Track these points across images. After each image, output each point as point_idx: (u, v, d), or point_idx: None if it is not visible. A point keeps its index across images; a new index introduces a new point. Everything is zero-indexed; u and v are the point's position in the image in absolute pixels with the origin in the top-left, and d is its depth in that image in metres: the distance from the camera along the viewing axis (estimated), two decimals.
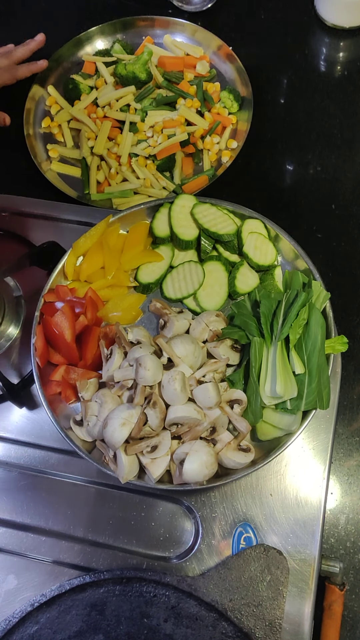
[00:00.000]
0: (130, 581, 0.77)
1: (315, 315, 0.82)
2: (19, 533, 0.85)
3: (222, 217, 0.94)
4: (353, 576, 0.87)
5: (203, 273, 0.93)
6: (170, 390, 0.79)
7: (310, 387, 0.80)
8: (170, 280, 0.94)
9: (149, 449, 0.78)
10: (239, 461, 0.79)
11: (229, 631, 0.74)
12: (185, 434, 0.80)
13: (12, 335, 0.96)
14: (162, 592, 0.76)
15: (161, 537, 0.84)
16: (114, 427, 0.77)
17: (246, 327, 0.85)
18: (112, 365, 0.84)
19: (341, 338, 0.84)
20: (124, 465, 0.77)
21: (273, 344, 0.82)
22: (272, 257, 0.93)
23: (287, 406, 0.80)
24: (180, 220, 0.94)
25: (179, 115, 1.14)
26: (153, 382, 0.79)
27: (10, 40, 1.20)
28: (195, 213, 0.93)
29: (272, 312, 0.84)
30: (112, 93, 1.18)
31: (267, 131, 1.17)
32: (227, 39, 1.20)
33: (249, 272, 0.93)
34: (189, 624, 0.75)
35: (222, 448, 0.80)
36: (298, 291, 0.84)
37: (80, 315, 0.88)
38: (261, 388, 0.80)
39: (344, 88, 1.21)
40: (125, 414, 0.78)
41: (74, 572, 0.82)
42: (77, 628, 0.75)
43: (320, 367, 0.81)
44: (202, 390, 0.80)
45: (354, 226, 1.08)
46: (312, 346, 0.81)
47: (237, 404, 0.82)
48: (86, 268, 0.93)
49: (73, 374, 0.87)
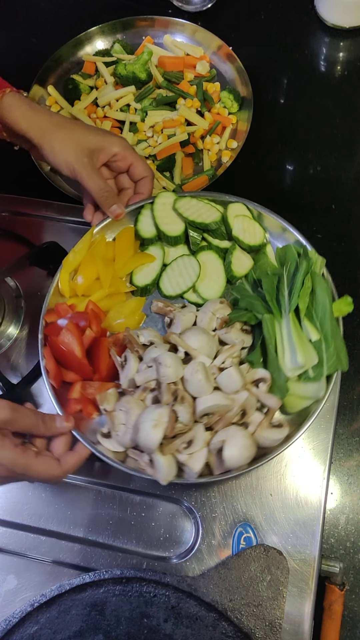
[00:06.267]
0: (130, 581, 0.77)
1: (320, 281, 0.83)
2: (19, 533, 0.85)
3: (204, 207, 0.94)
4: (353, 576, 0.87)
5: (198, 264, 0.93)
6: (195, 382, 0.79)
7: (329, 351, 0.81)
8: (167, 278, 0.94)
9: (185, 445, 0.78)
10: (274, 438, 0.79)
11: (229, 631, 0.74)
12: (217, 423, 0.80)
13: (12, 335, 0.96)
14: (162, 592, 0.76)
15: (161, 537, 0.84)
16: (146, 431, 0.76)
17: (253, 308, 0.86)
18: (129, 371, 0.83)
19: (345, 299, 0.84)
20: (162, 467, 0.76)
21: (284, 317, 0.83)
22: (261, 236, 0.93)
23: (309, 375, 0.80)
24: (164, 218, 0.94)
25: (179, 115, 1.14)
26: (176, 378, 0.79)
27: (10, 40, 1.20)
28: (178, 208, 0.93)
29: (275, 288, 0.85)
30: (112, 93, 1.18)
31: (267, 131, 1.17)
32: (227, 39, 1.20)
33: (242, 255, 0.93)
34: (189, 624, 0.75)
35: (255, 429, 0.80)
36: (297, 262, 0.85)
37: (86, 329, 0.86)
38: (282, 362, 0.81)
39: (344, 88, 1.21)
40: (155, 415, 0.76)
41: (74, 572, 0.82)
42: (77, 628, 0.75)
43: (334, 331, 0.82)
44: (226, 376, 0.80)
45: (354, 226, 1.08)
46: (322, 312, 0.82)
47: (262, 382, 0.82)
48: (82, 282, 0.91)
49: (90, 388, 0.85)
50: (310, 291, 0.83)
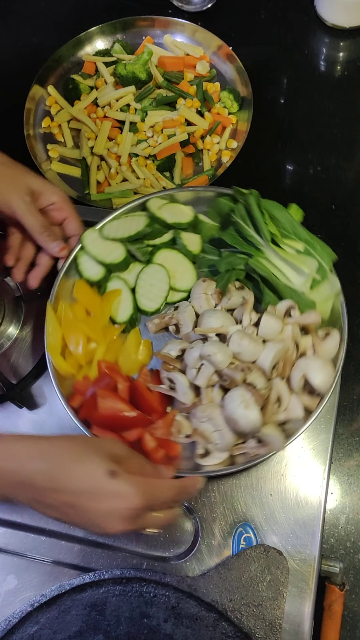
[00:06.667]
0: (130, 581, 0.77)
1: (269, 203, 0.88)
2: (19, 533, 0.85)
3: (129, 221, 0.93)
4: (353, 576, 0.87)
5: (161, 267, 0.92)
6: (246, 348, 0.80)
7: (318, 251, 0.87)
8: (143, 297, 0.92)
9: (277, 405, 0.79)
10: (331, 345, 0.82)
11: (229, 631, 0.74)
12: (285, 368, 0.81)
13: (12, 335, 0.96)
14: (162, 593, 0.76)
15: (161, 537, 0.84)
16: (243, 415, 0.75)
17: (232, 264, 0.88)
18: (182, 386, 0.83)
19: (293, 206, 0.91)
20: (274, 436, 0.77)
21: (267, 249, 0.87)
22: (189, 211, 0.95)
23: (318, 279, 0.86)
24: (101, 252, 0.91)
25: (179, 115, 1.14)
26: (230, 358, 0.80)
27: (10, 40, 1.20)
28: (107, 235, 0.92)
29: (238, 235, 0.89)
30: (112, 93, 1.18)
31: (267, 131, 1.17)
32: (227, 39, 1.20)
33: (187, 234, 0.95)
34: (189, 624, 0.75)
35: (313, 349, 0.83)
36: (243, 201, 0.89)
37: (115, 385, 0.84)
38: (292, 284, 0.85)
39: (344, 88, 1.21)
40: (239, 398, 0.76)
41: (74, 572, 0.82)
42: (77, 628, 0.75)
43: (309, 234, 0.88)
44: (265, 326, 0.82)
45: (354, 226, 1.08)
46: (289, 225, 0.88)
47: (292, 310, 0.85)
48: (81, 348, 0.88)
49: (157, 430, 0.82)
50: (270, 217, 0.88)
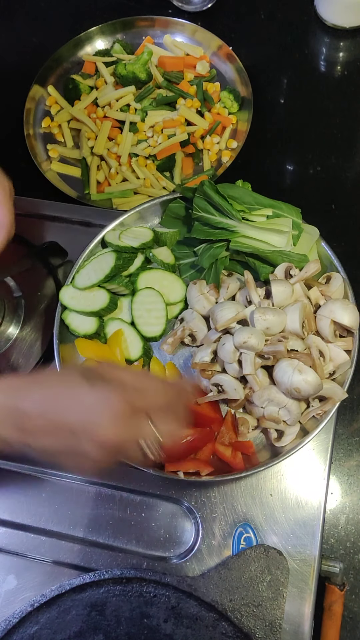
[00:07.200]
0: (130, 581, 0.77)
1: (223, 185, 0.92)
2: (19, 533, 0.85)
3: (98, 262, 0.93)
4: (353, 576, 0.87)
5: (149, 289, 0.93)
6: (271, 321, 0.83)
7: (285, 210, 0.93)
8: (145, 326, 0.92)
9: (323, 360, 0.84)
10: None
11: (229, 631, 0.74)
12: (310, 323, 0.86)
13: (12, 335, 0.96)
14: (162, 592, 0.76)
15: (161, 537, 0.84)
16: (302, 379, 0.79)
17: (214, 255, 0.91)
18: (229, 383, 0.84)
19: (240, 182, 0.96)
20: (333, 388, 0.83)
21: (241, 226, 0.89)
22: (146, 231, 0.97)
23: (295, 232, 0.91)
24: (84, 303, 0.91)
25: (179, 115, 1.14)
26: (263, 336, 0.82)
27: (10, 40, 1.20)
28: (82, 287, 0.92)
29: (208, 228, 0.91)
30: (112, 93, 1.18)
31: (267, 131, 1.17)
32: (227, 39, 1.20)
33: (156, 250, 0.96)
34: (189, 624, 0.75)
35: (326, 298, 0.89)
36: (199, 195, 0.91)
37: None
38: (287, 247, 0.89)
39: (344, 88, 1.21)
40: (289, 367, 0.80)
41: (74, 572, 0.82)
42: (77, 628, 0.75)
43: (270, 200, 0.93)
44: (277, 295, 0.85)
45: (354, 226, 1.08)
46: (250, 198, 0.93)
47: (291, 270, 0.89)
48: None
49: (225, 437, 0.84)
50: (225, 199, 0.90)
